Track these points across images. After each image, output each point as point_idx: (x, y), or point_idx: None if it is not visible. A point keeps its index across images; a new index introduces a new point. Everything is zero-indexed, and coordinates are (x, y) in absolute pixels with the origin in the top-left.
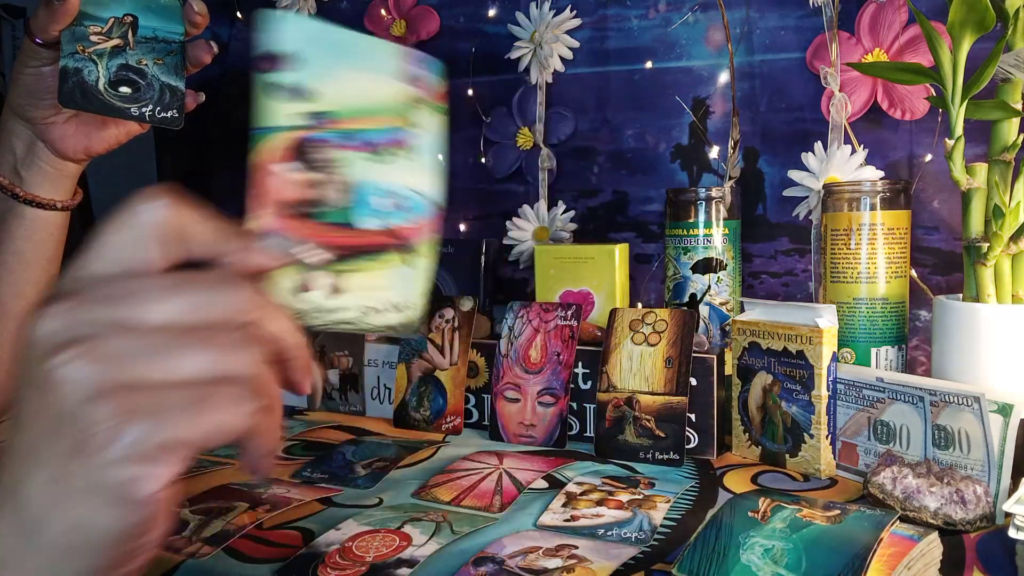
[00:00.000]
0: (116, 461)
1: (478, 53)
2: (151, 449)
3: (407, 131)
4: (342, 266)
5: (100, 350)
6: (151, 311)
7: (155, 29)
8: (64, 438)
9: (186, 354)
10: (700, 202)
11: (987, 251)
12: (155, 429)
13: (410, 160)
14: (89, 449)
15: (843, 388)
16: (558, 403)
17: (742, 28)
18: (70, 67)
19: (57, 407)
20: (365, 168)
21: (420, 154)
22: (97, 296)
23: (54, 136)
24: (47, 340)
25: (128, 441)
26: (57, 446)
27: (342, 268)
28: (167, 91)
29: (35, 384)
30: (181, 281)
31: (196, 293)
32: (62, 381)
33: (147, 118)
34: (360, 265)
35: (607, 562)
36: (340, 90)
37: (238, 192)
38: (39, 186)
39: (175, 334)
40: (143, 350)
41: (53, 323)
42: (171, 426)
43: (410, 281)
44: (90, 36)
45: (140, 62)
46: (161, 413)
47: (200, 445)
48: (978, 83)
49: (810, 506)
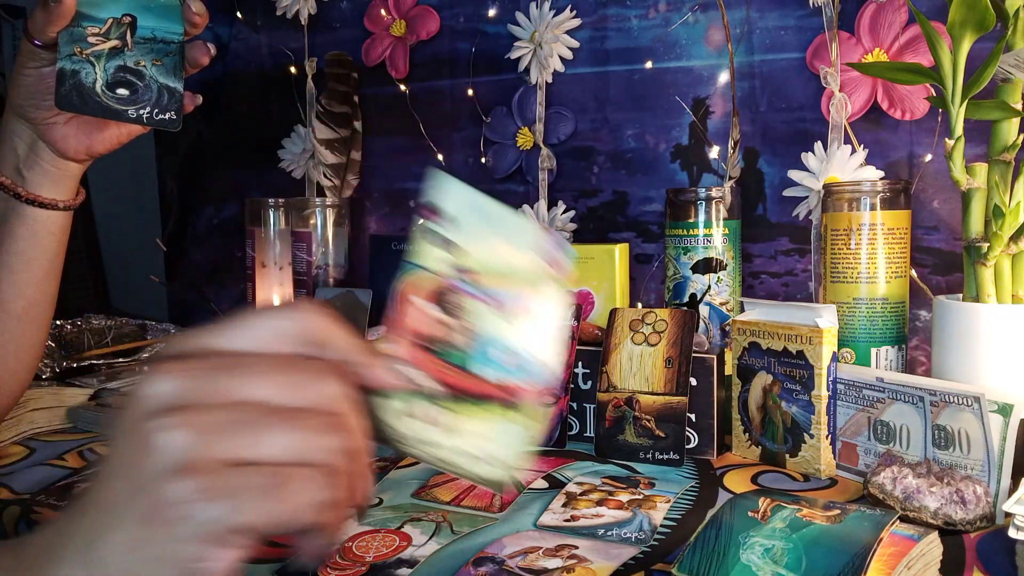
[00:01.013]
0: (188, 538)
1: (478, 53)
2: (223, 532)
3: (536, 299)
4: (448, 404)
5: (200, 422)
6: (256, 386)
7: (154, 29)
8: (144, 501)
9: (275, 432)
10: (700, 202)
11: (987, 251)
12: (230, 512)
13: (534, 326)
14: (165, 520)
15: (843, 388)
16: (558, 403)
17: (742, 28)
18: (67, 69)
19: (147, 469)
20: (492, 323)
21: (544, 323)
22: (212, 364)
23: (55, 136)
24: (155, 399)
25: (203, 520)
26: (136, 509)
27: (448, 406)
28: (165, 92)
29: (130, 438)
30: (288, 362)
31: (298, 375)
32: (158, 446)
33: (145, 120)
34: (466, 409)
35: (607, 562)
36: (484, 251)
37: (238, 192)
38: (41, 186)
39: (269, 411)
40: (238, 424)
41: (164, 385)
42: (246, 511)
43: (511, 438)
44: (88, 37)
45: (138, 63)
46: (239, 497)
47: (268, 532)
48: (978, 83)
49: (810, 506)
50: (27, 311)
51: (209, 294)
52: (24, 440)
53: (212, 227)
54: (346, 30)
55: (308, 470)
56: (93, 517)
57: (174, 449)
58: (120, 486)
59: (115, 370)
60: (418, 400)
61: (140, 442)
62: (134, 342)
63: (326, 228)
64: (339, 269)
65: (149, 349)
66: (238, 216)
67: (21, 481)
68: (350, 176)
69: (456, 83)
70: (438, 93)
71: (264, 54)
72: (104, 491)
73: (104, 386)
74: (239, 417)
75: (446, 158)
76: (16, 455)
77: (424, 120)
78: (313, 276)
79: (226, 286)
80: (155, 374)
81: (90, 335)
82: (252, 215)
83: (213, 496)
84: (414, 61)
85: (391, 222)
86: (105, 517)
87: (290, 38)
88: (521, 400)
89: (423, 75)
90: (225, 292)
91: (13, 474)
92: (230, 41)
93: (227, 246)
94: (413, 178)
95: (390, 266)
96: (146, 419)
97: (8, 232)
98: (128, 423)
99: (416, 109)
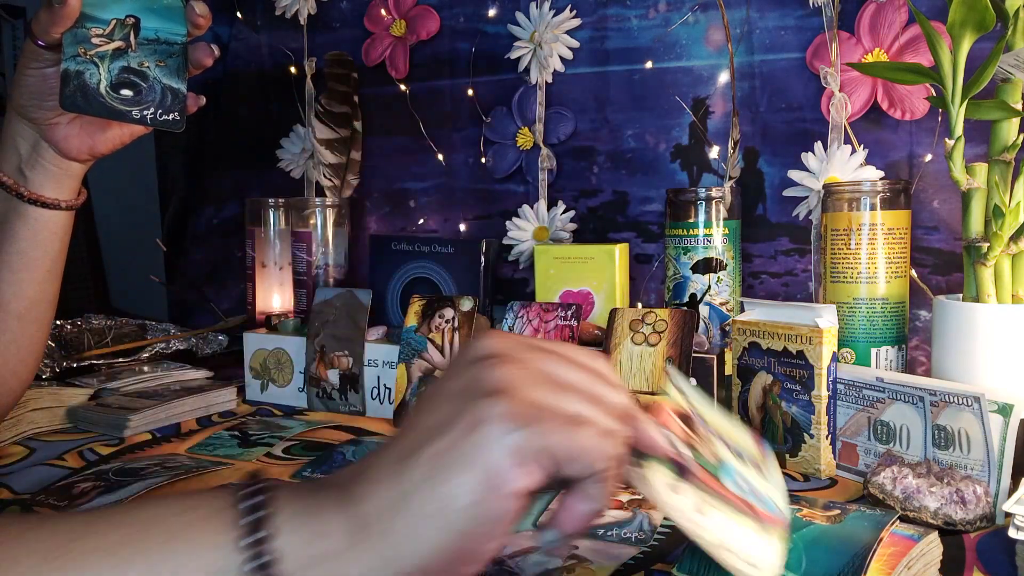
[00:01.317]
0: (497, 449)
1: (478, 53)
2: (526, 451)
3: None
4: (709, 496)
5: (519, 367)
6: (566, 370)
7: (157, 30)
8: (467, 417)
9: (576, 395)
10: (700, 202)
11: (987, 251)
12: (535, 436)
13: (762, 473)
14: (482, 432)
15: (843, 388)
16: None
17: (742, 28)
18: (71, 70)
19: (472, 392)
20: (727, 455)
21: (770, 475)
22: (534, 343)
23: (58, 137)
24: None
25: (512, 437)
26: (458, 424)
27: (709, 497)
28: (169, 93)
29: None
30: (600, 358)
31: (601, 379)
32: (483, 376)
33: (149, 121)
34: (724, 507)
35: (607, 562)
36: (714, 417)
37: (238, 192)
38: (43, 186)
39: (573, 385)
40: (550, 376)
41: (493, 342)
42: (548, 436)
43: (767, 551)
44: (92, 38)
45: (142, 64)
46: (543, 424)
47: (563, 462)
48: (978, 83)
49: (810, 506)
50: (28, 311)
51: (209, 294)
52: (24, 440)
53: (212, 227)
54: (346, 30)
55: (600, 427)
56: (412, 437)
57: (496, 378)
58: (446, 408)
59: (115, 370)
60: (679, 480)
61: (469, 375)
62: (134, 342)
63: (326, 228)
64: (339, 269)
65: (149, 349)
66: (238, 216)
67: (21, 481)
68: (350, 176)
69: (456, 83)
70: (438, 93)
71: (264, 54)
72: (424, 416)
73: (104, 386)
74: (552, 372)
75: (446, 158)
76: (16, 455)
77: (424, 120)
78: (313, 276)
79: (226, 286)
80: (486, 336)
81: (90, 335)
82: (252, 215)
83: (523, 420)
84: (414, 61)
85: (391, 222)
86: (424, 435)
87: (290, 38)
88: (768, 524)
89: (423, 75)
90: (225, 292)
91: (13, 474)
92: (230, 41)
93: (227, 246)
94: (413, 178)
95: (390, 266)
96: (475, 361)
97: (10, 232)
98: (459, 365)
99: (416, 109)
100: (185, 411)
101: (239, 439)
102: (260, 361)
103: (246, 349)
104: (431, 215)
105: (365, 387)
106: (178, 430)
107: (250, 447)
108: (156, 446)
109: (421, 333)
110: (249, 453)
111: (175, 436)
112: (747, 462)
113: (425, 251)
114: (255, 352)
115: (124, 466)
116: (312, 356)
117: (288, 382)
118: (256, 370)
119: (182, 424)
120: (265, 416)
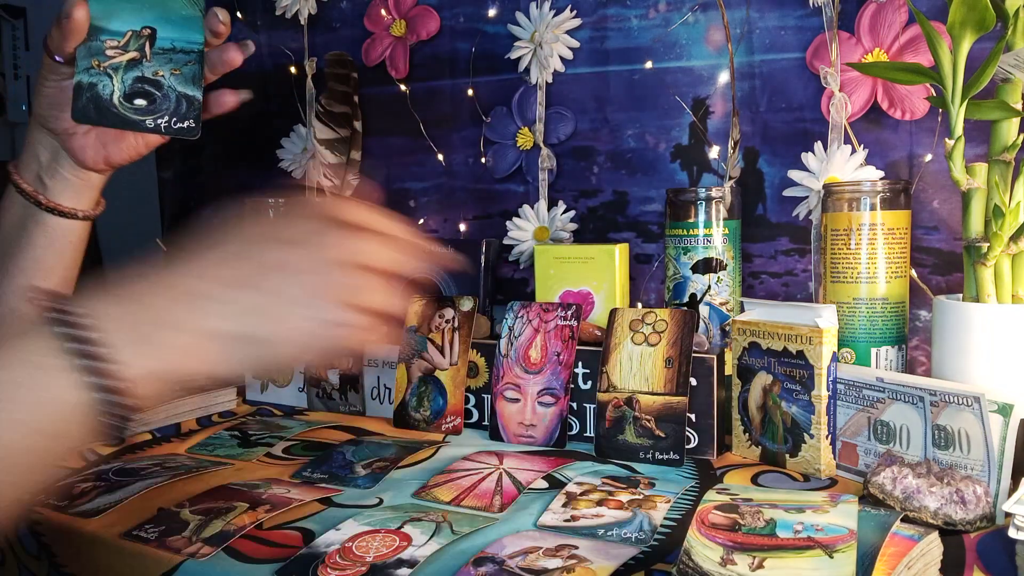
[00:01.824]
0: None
1: (478, 53)
2: None
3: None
4: (761, 552)
5: None
6: None
7: (173, 40)
8: None
9: None
10: (700, 202)
11: (987, 251)
12: None
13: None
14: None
15: (843, 388)
16: (558, 403)
17: (742, 28)
18: (84, 82)
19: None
20: (783, 515)
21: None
22: None
23: (75, 147)
24: None
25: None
26: None
27: (761, 552)
28: (183, 101)
29: None
30: None
31: None
32: None
33: (163, 130)
34: (783, 552)
35: (607, 562)
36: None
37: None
38: (62, 194)
39: None
40: None
41: None
42: None
43: (838, 570)
44: (106, 51)
45: (156, 73)
46: None
47: None
48: (978, 83)
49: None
50: None
51: None
52: None
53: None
54: (346, 30)
55: None
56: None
57: None
58: None
59: None
60: (729, 552)
61: None
62: None
63: None
64: None
65: None
66: (238, 216)
67: None
68: (350, 176)
69: (456, 83)
70: (438, 93)
71: (264, 54)
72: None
73: None
74: None
75: (446, 158)
76: None
77: (424, 120)
78: None
79: None
80: None
81: None
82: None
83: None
84: (414, 61)
85: None
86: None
87: (290, 38)
88: (834, 545)
89: (423, 75)
90: None
91: None
92: None
93: None
94: (413, 178)
95: None
96: None
97: (27, 238)
98: None
99: (416, 109)
100: (185, 411)
101: (239, 439)
102: None
103: None
104: (431, 215)
105: (365, 387)
106: (178, 430)
107: (250, 447)
108: (156, 446)
109: (421, 333)
110: (249, 453)
111: (175, 436)
112: (807, 511)
113: None
114: None
115: (124, 466)
116: None
117: (288, 382)
118: None
119: (182, 424)
120: (265, 416)
